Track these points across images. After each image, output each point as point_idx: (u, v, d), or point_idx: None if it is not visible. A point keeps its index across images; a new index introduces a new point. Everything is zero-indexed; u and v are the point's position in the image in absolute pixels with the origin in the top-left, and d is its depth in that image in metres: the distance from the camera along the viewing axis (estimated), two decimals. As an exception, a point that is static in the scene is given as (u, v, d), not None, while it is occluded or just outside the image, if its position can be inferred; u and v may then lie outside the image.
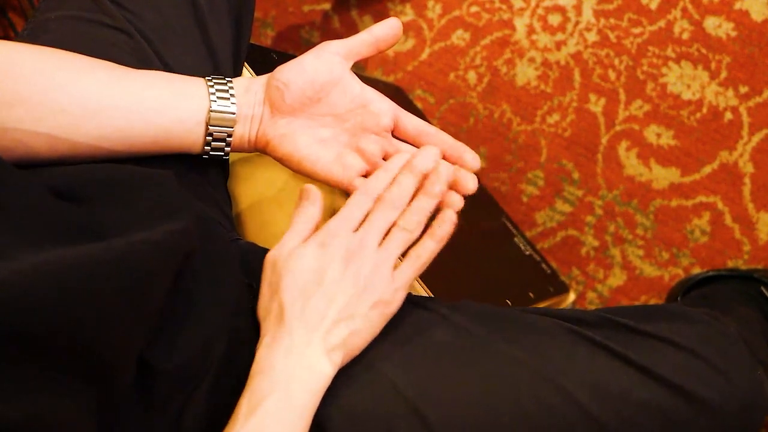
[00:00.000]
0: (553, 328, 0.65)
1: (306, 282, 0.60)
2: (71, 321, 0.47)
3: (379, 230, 0.63)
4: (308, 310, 0.59)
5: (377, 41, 0.68)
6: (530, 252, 1.13)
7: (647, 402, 0.62)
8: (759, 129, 1.13)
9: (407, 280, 0.63)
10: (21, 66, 0.60)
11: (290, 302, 0.59)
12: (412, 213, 0.63)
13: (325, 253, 0.61)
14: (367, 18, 1.32)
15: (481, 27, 1.25)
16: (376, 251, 0.62)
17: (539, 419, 0.61)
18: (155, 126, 0.63)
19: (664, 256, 1.16)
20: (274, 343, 0.59)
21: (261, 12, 1.37)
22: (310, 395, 0.57)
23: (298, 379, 0.57)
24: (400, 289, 0.62)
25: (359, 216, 0.63)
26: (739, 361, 0.67)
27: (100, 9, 0.69)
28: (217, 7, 0.73)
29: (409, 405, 0.60)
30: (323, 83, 0.66)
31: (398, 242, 0.63)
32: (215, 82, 0.66)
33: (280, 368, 0.57)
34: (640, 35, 1.18)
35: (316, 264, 0.60)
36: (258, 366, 0.58)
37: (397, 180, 0.64)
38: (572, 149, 1.20)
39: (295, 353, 0.58)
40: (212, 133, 0.65)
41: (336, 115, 0.68)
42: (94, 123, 0.61)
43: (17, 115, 0.59)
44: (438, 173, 0.65)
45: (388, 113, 0.68)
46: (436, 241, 0.64)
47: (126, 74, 0.64)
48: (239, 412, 0.56)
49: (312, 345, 0.58)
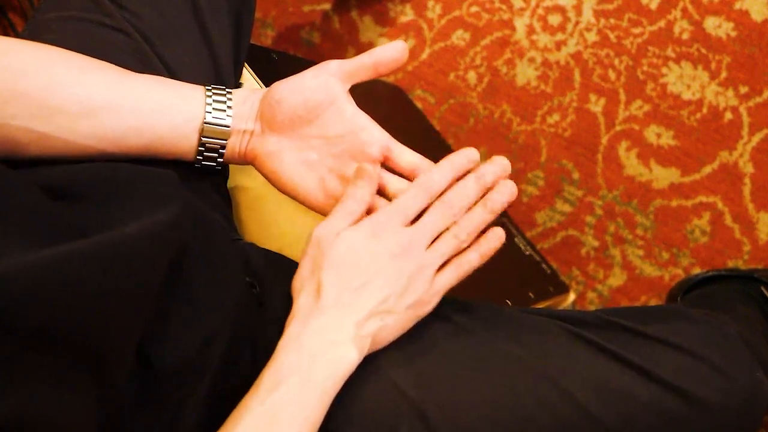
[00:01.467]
0: (553, 329, 0.66)
1: (350, 268, 0.60)
2: (63, 316, 0.47)
3: (433, 232, 0.62)
4: (346, 296, 0.59)
5: (376, 65, 0.65)
6: (530, 252, 1.13)
7: (648, 402, 0.62)
8: (759, 129, 1.13)
9: (446, 287, 0.63)
10: (18, 62, 0.60)
11: (330, 284, 0.59)
12: (468, 223, 0.63)
13: (374, 244, 0.60)
14: (367, 18, 1.32)
15: (481, 27, 1.25)
16: (424, 252, 0.61)
17: (540, 419, 0.61)
18: (149, 130, 0.63)
19: (664, 256, 1.16)
20: (307, 321, 0.59)
21: (261, 12, 1.37)
22: (333, 380, 0.57)
23: (324, 361, 0.57)
24: (437, 294, 0.62)
25: (414, 211, 0.63)
26: (739, 362, 0.67)
27: (100, 9, 0.69)
28: (217, 7, 0.73)
29: (411, 405, 0.60)
30: (317, 103, 0.65)
31: (447, 249, 0.62)
32: (214, 93, 0.65)
33: (308, 347, 0.57)
34: (640, 35, 1.18)
35: (364, 253, 0.60)
36: (287, 340, 0.58)
37: (462, 184, 0.64)
38: (572, 149, 1.20)
39: (326, 335, 0.58)
40: (205, 143, 0.65)
41: (326, 138, 0.66)
42: (88, 123, 0.61)
43: (11, 111, 0.59)
44: (503, 189, 0.64)
45: (377, 144, 0.66)
46: (481, 255, 0.64)
47: (124, 76, 0.64)
48: (261, 384, 0.56)
49: (344, 331, 0.58)
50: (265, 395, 0.55)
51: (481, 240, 0.64)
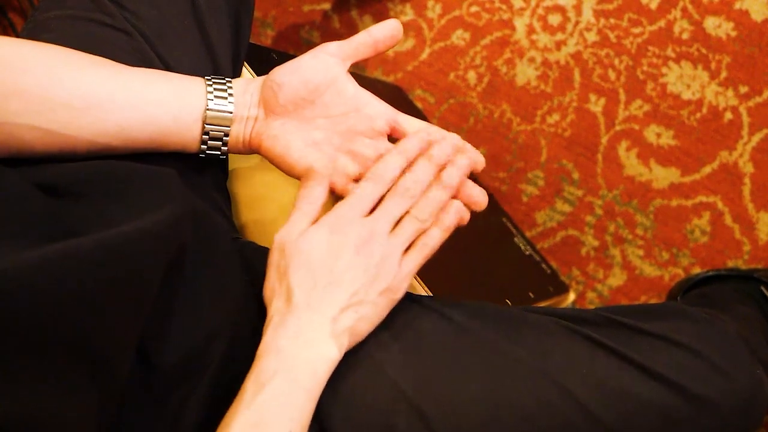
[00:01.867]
0: (552, 327, 0.65)
1: (316, 267, 0.60)
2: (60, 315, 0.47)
3: (392, 218, 0.63)
4: (317, 295, 0.59)
5: (376, 42, 0.67)
6: (530, 252, 1.13)
7: (647, 400, 0.62)
8: (759, 129, 1.13)
9: (414, 268, 0.63)
10: (20, 59, 0.60)
11: (298, 286, 0.60)
12: (427, 203, 0.63)
13: (337, 240, 0.61)
14: (367, 18, 1.32)
15: (481, 27, 1.25)
16: (387, 239, 0.62)
17: (539, 417, 0.61)
18: (152, 123, 0.63)
19: (664, 256, 1.16)
20: (282, 325, 0.59)
21: (261, 12, 1.37)
22: (317, 378, 0.58)
23: (304, 361, 0.57)
24: (407, 277, 0.63)
25: (371, 201, 0.63)
26: (739, 360, 0.67)
27: (100, 8, 0.69)
28: (216, 6, 0.73)
29: (409, 402, 0.60)
30: (318, 84, 0.66)
31: (409, 232, 0.63)
32: (214, 82, 0.66)
33: (287, 350, 0.58)
34: (640, 35, 1.18)
35: (328, 250, 0.61)
36: (265, 347, 0.58)
37: (414, 168, 0.64)
38: (572, 149, 1.20)
39: (303, 336, 0.58)
40: (208, 132, 0.65)
41: (329, 117, 0.67)
42: (91, 118, 0.61)
43: (14, 108, 0.59)
44: (456, 165, 0.65)
45: (383, 116, 0.67)
46: (443, 230, 0.64)
47: (125, 71, 0.64)
48: (245, 391, 0.56)
49: (320, 329, 0.59)
50: (251, 399, 0.56)
51: (441, 215, 0.64)
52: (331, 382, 0.59)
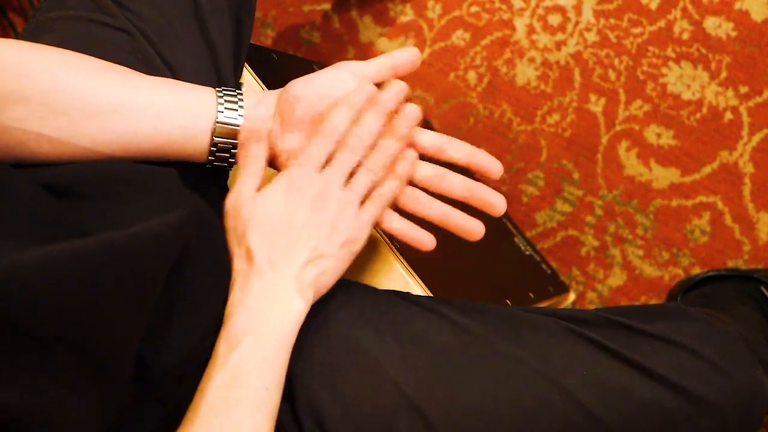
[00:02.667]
0: (553, 327, 0.66)
1: (274, 226, 0.60)
2: (62, 315, 0.47)
3: (344, 172, 0.63)
4: (278, 253, 0.60)
5: (395, 67, 0.67)
6: (530, 252, 1.14)
7: (647, 401, 0.62)
8: (759, 129, 1.13)
9: (372, 219, 0.64)
10: (25, 64, 0.60)
11: (259, 248, 0.60)
12: (379, 154, 0.64)
13: (292, 198, 0.61)
14: (367, 18, 1.32)
15: (481, 27, 1.25)
16: (342, 192, 0.63)
17: (539, 418, 0.61)
18: (159, 132, 0.63)
19: (664, 256, 1.16)
20: (246, 286, 0.60)
21: (261, 12, 1.37)
22: (286, 334, 0.59)
23: (272, 318, 0.58)
24: (365, 228, 0.63)
25: (322, 157, 0.63)
26: (739, 360, 0.67)
27: (101, 8, 0.69)
28: (218, 6, 0.73)
29: (409, 402, 0.60)
30: (335, 99, 0.65)
31: (363, 183, 0.63)
32: (225, 93, 0.65)
33: (254, 309, 0.58)
34: (640, 35, 1.18)
35: (284, 208, 0.61)
36: (233, 308, 0.59)
37: (362, 119, 0.64)
38: (572, 149, 1.20)
39: (268, 294, 0.59)
40: (217, 144, 0.65)
41: None
42: (97, 126, 0.61)
43: (19, 114, 0.59)
44: (405, 113, 0.65)
45: None
46: (399, 180, 0.65)
47: (133, 78, 0.64)
48: (218, 352, 0.57)
49: (284, 287, 0.60)
50: (224, 359, 0.57)
51: (395, 164, 0.65)
52: (331, 382, 0.59)
